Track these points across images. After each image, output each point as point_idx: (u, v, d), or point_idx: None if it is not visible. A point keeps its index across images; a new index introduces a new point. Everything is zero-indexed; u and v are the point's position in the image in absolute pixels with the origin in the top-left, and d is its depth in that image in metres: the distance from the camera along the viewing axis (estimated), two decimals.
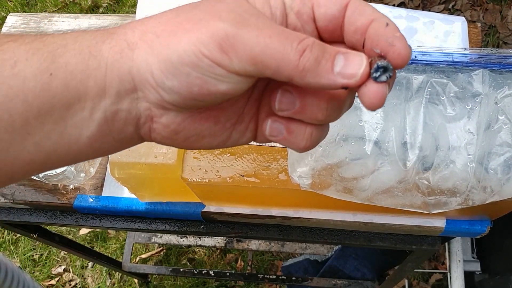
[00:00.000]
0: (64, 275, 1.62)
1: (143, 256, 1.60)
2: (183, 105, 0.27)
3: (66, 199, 0.68)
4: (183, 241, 1.46)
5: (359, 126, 0.52)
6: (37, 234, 0.89)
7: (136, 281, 1.58)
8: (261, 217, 0.64)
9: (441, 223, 0.61)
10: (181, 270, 1.42)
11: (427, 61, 0.57)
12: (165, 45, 0.25)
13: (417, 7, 1.93)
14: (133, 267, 1.42)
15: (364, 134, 0.52)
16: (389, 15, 0.71)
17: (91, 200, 0.67)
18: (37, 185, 0.69)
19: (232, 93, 0.26)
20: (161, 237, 1.45)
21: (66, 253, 1.64)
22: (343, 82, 0.25)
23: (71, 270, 1.63)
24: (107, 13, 1.62)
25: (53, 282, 1.61)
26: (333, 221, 0.63)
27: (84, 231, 1.65)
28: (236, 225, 0.69)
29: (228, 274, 1.41)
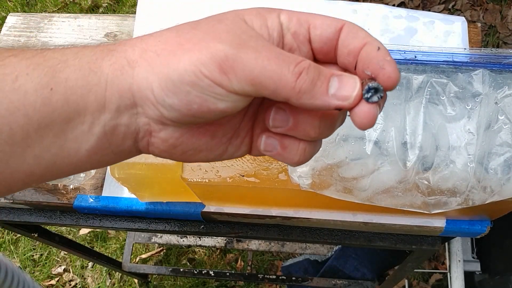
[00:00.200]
0: (64, 275, 1.62)
1: (143, 256, 1.60)
2: (182, 121, 0.28)
3: (66, 199, 0.68)
4: (183, 241, 1.46)
5: None
6: (37, 234, 0.89)
7: (136, 281, 1.58)
8: (261, 217, 0.64)
9: (441, 223, 0.61)
10: (181, 270, 1.42)
11: (427, 61, 0.57)
12: (165, 64, 0.26)
13: (417, 7, 1.93)
14: (133, 267, 1.42)
15: (364, 134, 0.52)
16: (389, 15, 0.71)
17: (91, 200, 0.67)
18: (37, 185, 0.69)
19: (230, 111, 0.27)
20: (161, 237, 1.45)
21: (66, 253, 1.64)
22: (337, 103, 0.26)
23: (71, 270, 1.63)
24: (107, 13, 1.62)
25: (53, 282, 1.61)
26: (333, 221, 0.63)
27: (84, 231, 1.65)
28: (236, 225, 0.69)
29: (228, 274, 1.41)
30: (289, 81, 0.25)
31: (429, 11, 1.48)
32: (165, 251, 1.61)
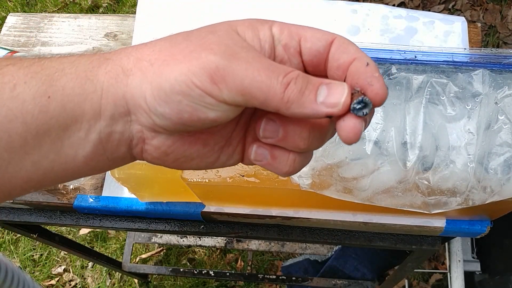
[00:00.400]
0: (64, 275, 1.62)
1: (143, 256, 1.60)
2: (173, 129, 0.28)
3: (66, 199, 0.68)
4: (183, 241, 1.46)
5: None
6: (37, 234, 0.89)
7: (136, 281, 1.58)
8: (261, 217, 0.64)
9: (441, 223, 0.61)
10: (181, 270, 1.42)
11: (427, 61, 0.57)
12: (158, 73, 0.26)
13: (417, 7, 1.93)
14: (133, 267, 1.42)
15: (364, 134, 0.52)
16: (389, 15, 0.71)
17: (91, 200, 0.67)
18: (35, 191, 0.69)
19: (220, 120, 0.28)
20: (161, 237, 1.45)
21: (66, 253, 1.64)
22: (326, 111, 0.26)
23: (71, 270, 1.63)
24: (107, 13, 1.62)
25: (53, 282, 1.61)
26: (333, 221, 0.63)
27: (84, 231, 1.65)
28: (236, 225, 0.69)
29: (228, 274, 1.41)
30: (278, 92, 0.26)
31: (429, 11, 1.48)
32: (165, 251, 1.61)
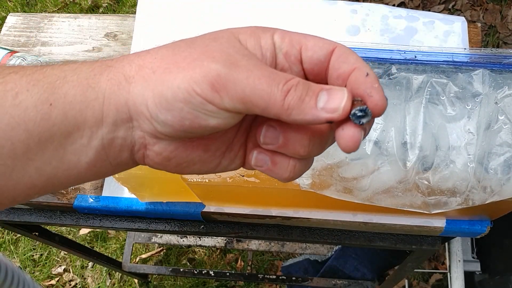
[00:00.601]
0: (64, 275, 1.62)
1: (143, 256, 1.60)
2: (175, 135, 0.28)
3: (66, 199, 0.68)
4: (183, 241, 1.46)
5: None
6: (37, 234, 0.89)
7: (136, 281, 1.58)
8: (261, 217, 0.64)
9: (441, 223, 0.61)
10: (181, 270, 1.42)
11: (427, 61, 0.57)
12: (160, 81, 0.27)
13: (417, 7, 1.93)
14: (133, 267, 1.42)
15: None
16: (389, 15, 0.71)
17: (91, 200, 0.67)
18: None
19: (222, 127, 0.28)
20: (161, 237, 1.45)
21: (66, 253, 1.64)
22: (327, 116, 0.26)
23: (71, 270, 1.63)
24: (107, 13, 1.62)
25: (53, 282, 1.61)
26: (333, 221, 0.63)
27: (84, 231, 1.65)
28: (236, 225, 0.69)
29: (228, 274, 1.41)
30: (278, 99, 0.26)
31: (429, 11, 1.48)
32: (165, 251, 1.61)
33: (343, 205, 0.57)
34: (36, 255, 1.65)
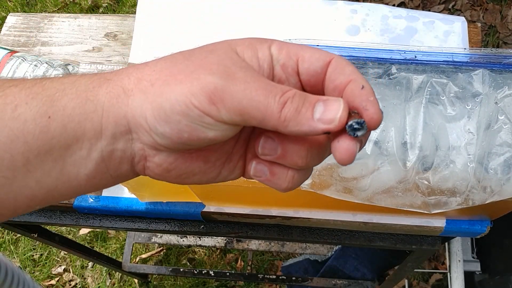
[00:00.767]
0: (64, 275, 1.62)
1: (143, 256, 1.60)
2: (174, 148, 0.29)
3: None
4: (183, 241, 1.46)
5: None
6: (37, 234, 0.89)
7: (136, 281, 1.58)
8: (261, 217, 0.64)
9: (441, 223, 0.61)
10: (181, 270, 1.42)
11: (427, 61, 0.57)
12: (158, 93, 0.27)
13: (417, 7, 1.93)
14: (133, 267, 1.42)
15: None
16: (389, 15, 0.71)
17: (91, 200, 0.67)
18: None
19: (220, 139, 0.28)
20: (161, 237, 1.45)
21: (66, 253, 1.64)
22: (323, 127, 0.26)
23: (71, 270, 1.63)
24: (107, 13, 1.62)
25: (53, 282, 1.61)
26: (333, 221, 0.63)
27: (84, 231, 1.65)
28: (236, 225, 0.69)
29: (228, 274, 1.41)
30: (275, 111, 0.26)
31: (429, 11, 1.48)
32: (165, 251, 1.61)
33: (343, 205, 0.57)
34: (36, 255, 1.65)
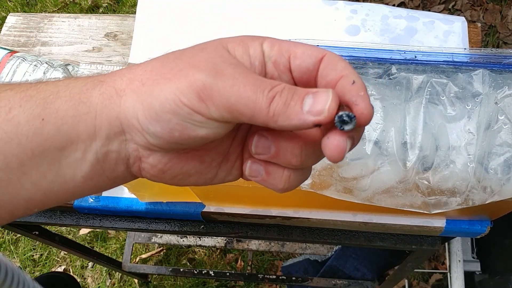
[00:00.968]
0: None
1: (143, 256, 1.60)
2: (167, 147, 0.28)
3: None
4: (183, 241, 1.46)
5: None
6: (37, 233, 0.89)
7: (136, 281, 1.58)
8: (261, 217, 0.64)
9: (441, 223, 0.61)
10: (181, 270, 1.42)
11: (427, 61, 0.57)
12: (149, 93, 0.27)
13: (417, 7, 1.93)
14: (133, 267, 1.42)
15: (364, 134, 0.52)
16: (389, 15, 0.71)
17: (91, 200, 0.67)
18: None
19: (211, 137, 0.28)
20: (161, 237, 1.45)
21: (66, 253, 1.64)
22: (313, 119, 0.25)
23: (71, 270, 1.63)
24: (107, 13, 1.62)
25: None
26: (333, 221, 0.63)
27: (84, 231, 1.65)
28: (236, 225, 0.69)
29: (228, 274, 1.41)
30: (263, 106, 0.25)
31: (429, 11, 1.48)
32: (165, 251, 1.61)
33: (343, 205, 0.57)
34: (36, 255, 1.65)
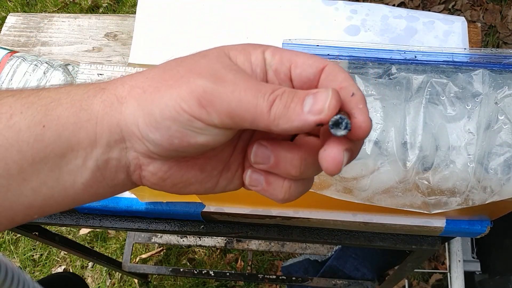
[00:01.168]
0: None
1: (143, 256, 1.60)
2: (167, 155, 0.28)
3: None
4: (183, 241, 1.46)
5: None
6: (37, 234, 0.89)
7: (136, 281, 1.58)
8: (261, 217, 0.64)
9: (441, 223, 0.61)
10: (181, 270, 1.42)
11: (427, 61, 0.57)
12: (150, 100, 0.27)
13: (417, 7, 1.93)
14: (133, 267, 1.42)
15: None
16: (389, 15, 0.71)
17: None
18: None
19: (211, 144, 0.27)
20: (161, 237, 1.45)
21: (66, 253, 1.64)
22: (314, 119, 0.25)
23: (71, 270, 1.63)
24: (107, 13, 1.62)
25: None
26: (333, 221, 0.63)
27: (84, 231, 1.65)
28: (236, 225, 0.69)
29: (228, 274, 1.41)
30: (264, 110, 0.25)
31: (429, 11, 1.48)
32: (165, 251, 1.61)
33: (343, 205, 0.57)
34: (36, 255, 1.65)
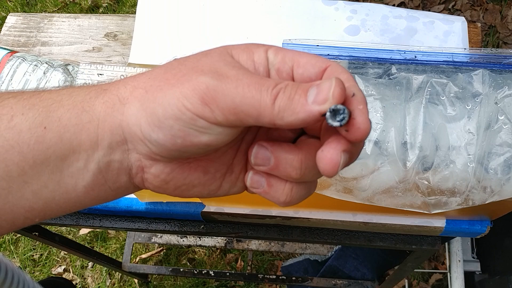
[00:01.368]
0: (64, 275, 1.62)
1: (143, 256, 1.60)
2: (169, 156, 0.28)
3: None
4: (183, 241, 1.46)
5: None
6: (37, 233, 0.89)
7: (136, 281, 1.58)
8: (261, 217, 0.64)
9: (441, 223, 0.61)
10: (181, 270, 1.42)
11: (427, 61, 0.57)
12: (152, 99, 0.27)
13: (417, 7, 1.93)
14: (133, 267, 1.42)
15: None
16: (389, 15, 0.71)
17: None
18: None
19: (214, 144, 0.27)
20: (161, 237, 1.45)
21: (66, 253, 1.64)
22: (319, 108, 0.25)
23: (71, 270, 1.63)
24: (107, 13, 1.62)
25: None
26: (333, 221, 0.63)
27: (84, 231, 1.65)
28: (236, 225, 0.69)
29: (228, 274, 1.41)
30: (268, 103, 0.25)
31: (429, 11, 1.48)
32: (165, 251, 1.61)
33: (343, 205, 0.57)
34: (36, 255, 1.65)
